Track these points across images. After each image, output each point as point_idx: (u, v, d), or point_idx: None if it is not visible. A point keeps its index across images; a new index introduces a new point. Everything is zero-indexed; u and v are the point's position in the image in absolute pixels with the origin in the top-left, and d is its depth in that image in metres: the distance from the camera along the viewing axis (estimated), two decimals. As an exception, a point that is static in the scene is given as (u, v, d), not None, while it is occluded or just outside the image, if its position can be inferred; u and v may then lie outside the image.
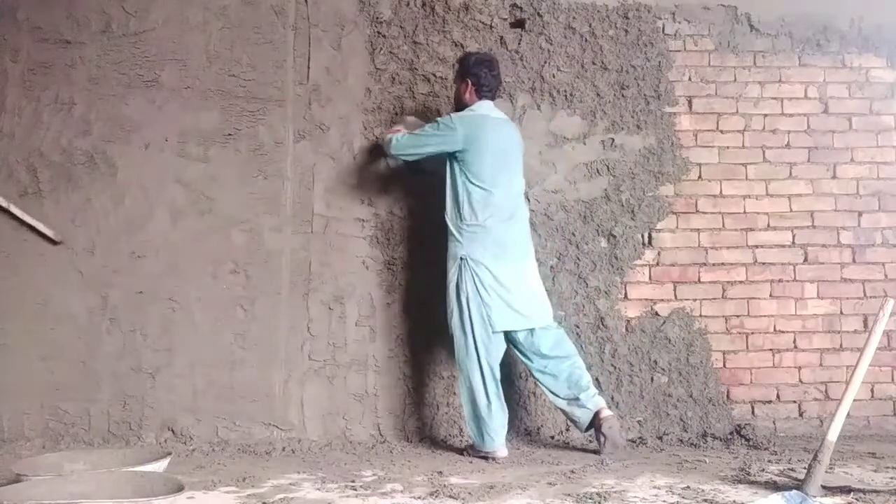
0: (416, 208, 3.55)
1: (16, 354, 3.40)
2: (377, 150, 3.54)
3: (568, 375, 3.14)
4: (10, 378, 3.38)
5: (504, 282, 3.12)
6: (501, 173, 3.17)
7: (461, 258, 3.15)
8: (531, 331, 3.17)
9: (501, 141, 3.20)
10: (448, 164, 3.22)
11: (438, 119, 3.25)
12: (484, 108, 3.25)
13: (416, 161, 3.35)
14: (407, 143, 3.26)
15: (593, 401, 3.12)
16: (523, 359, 3.22)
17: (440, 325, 3.49)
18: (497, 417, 3.10)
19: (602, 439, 3.07)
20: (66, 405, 3.38)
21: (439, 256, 3.49)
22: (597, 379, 3.42)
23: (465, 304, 3.12)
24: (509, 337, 3.19)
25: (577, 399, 3.12)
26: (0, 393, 3.37)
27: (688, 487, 2.55)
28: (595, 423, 3.10)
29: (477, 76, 3.23)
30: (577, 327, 3.51)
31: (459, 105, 3.30)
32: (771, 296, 3.63)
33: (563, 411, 3.20)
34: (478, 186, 3.15)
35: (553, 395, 3.19)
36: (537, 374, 3.20)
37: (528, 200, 3.43)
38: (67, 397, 3.38)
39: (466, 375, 3.14)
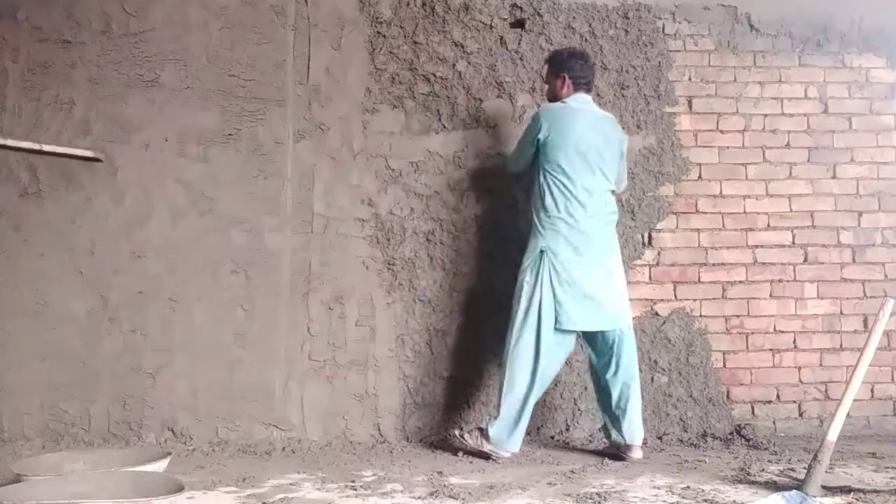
0: (416, 208, 3.55)
1: (16, 354, 3.40)
2: None
3: (619, 394, 3.10)
4: (10, 378, 3.38)
5: (583, 281, 3.05)
6: (586, 170, 3.10)
7: (541, 251, 3.08)
8: (607, 334, 3.10)
9: (590, 135, 3.12)
10: (536, 156, 3.19)
11: (532, 119, 3.23)
12: (579, 100, 3.20)
13: (528, 167, 3.30)
14: (514, 154, 3.35)
15: (629, 438, 3.07)
16: (594, 358, 3.18)
17: (440, 325, 3.50)
18: (526, 420, 3.06)
19: (611, 459, 3.04)
20: (66, 405, 3.38)
21: (440, 256, 3.49)
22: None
23: (539, 298, 3.04)
24: (587, 336, 3.15)
25: (618, 420, 3.10)
26: (0, 393, 3.37)
27: (688, 487, 2.55)
28: (619, 449, 3.08)
29: (572, 69, 3.20)
30: (577, 327, 3.51)
31: (553, 100, 3.26)
32: (771, 296, 3.63)
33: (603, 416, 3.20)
34: (558, 177, 3.09)
35: (599, 402, 3.20)
36: (602, 380, 3.17)
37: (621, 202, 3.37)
38: (67, 397, 3.38)
39: (516, 370, 3.04)
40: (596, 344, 3.16)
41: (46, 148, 3.40)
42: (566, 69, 3.21)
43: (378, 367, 3.48)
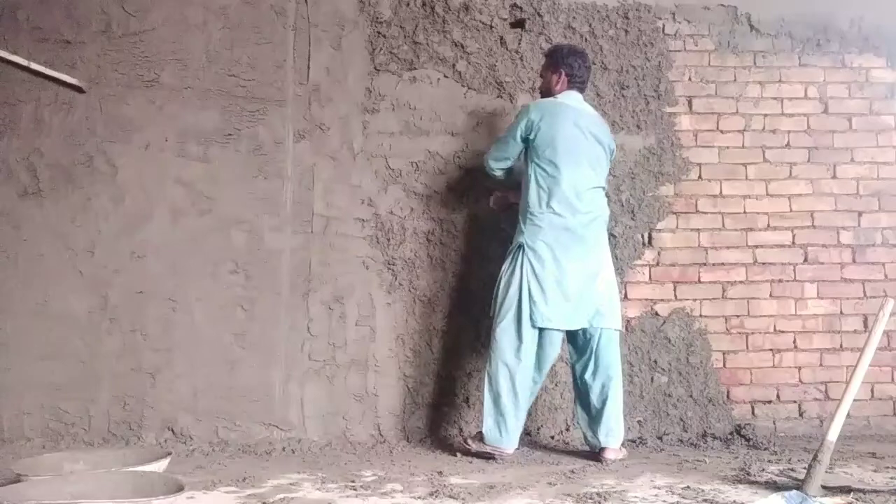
0: (416, 208, 3.55)
1: (16, 354, 3.40)
2: (501, 198, 3.43)
3: (596, 395, 3.08)
4: (10, 378, 3.38)
5: (562, 277, 3.03)
6: (572, 164, 3.07)
7: (519, 245, 3.08)
8: (587, 332, 3.09)
9: (579, 132, 3.11)
10: (524, 152, 3.18)
11: (517, 116, 3.22)
12: (570, 98, 3.19)
13: (511, 168, 3.28)
14: (495, 148, 3.25)
15: (603, 439, 3.04)
16: (574, 356, 3.16)
17: (440, 325, 3.50)
18: (520, 416, 3.04)
19: (590, 461, 3.03)
20: (66, 405, 3.38)
21: (440, 256, 3.49)
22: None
23: (516, 294, 3.04)
24: (567, 333, 3.13)
25: (594, 421, 3.08)
26: (0, 393, 3.37)
27: (688, 487, 2.55)
28: (595, 451, 3.07)
29: (571, 66, 3.19)
30: (577, 327, 3.51)
31: (547, 96, 3.25)
32: (771, 296, 3.63)
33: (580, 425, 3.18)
34: (546, 172, 3.08)
35: (577, 401, 3.18)
36: (580, 379, 3.15)
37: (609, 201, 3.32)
38: (67, 397, 3.38)
39: (499, 365, 3.04)
40: (576, 342, 3.14)
41: (34, 66, 3.42)
42: (565, 65, 3.20)
43: (378, 367, 3.48)
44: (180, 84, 3.54)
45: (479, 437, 3.08)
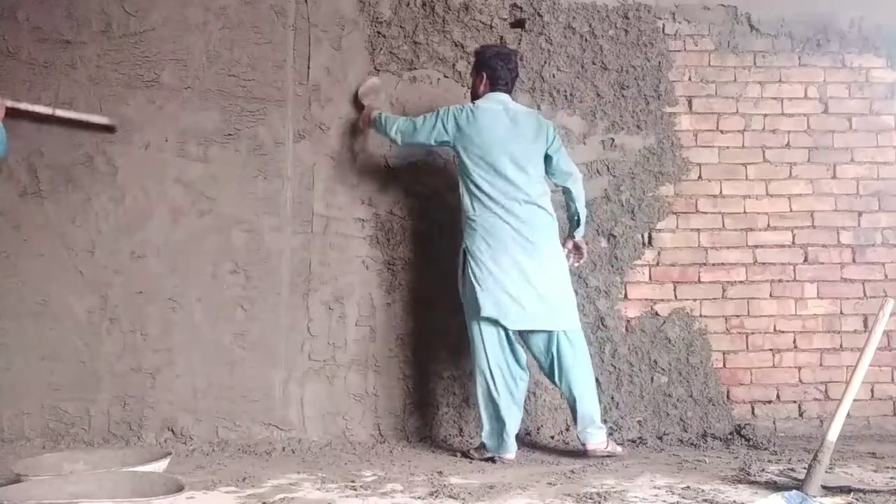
0: (416, 208, 3.55)
1: (16, 354, 3.40)
2: (358, 129, 3.55)
3: (567, 397, 3.11)
4: (10, 378, 3.38)
5: (501, 277, 3.05)
6: (499, 163, 3.10)
7: (463, 250, 3.13)
8: (546, 334, 3.09)
9: (507, 131, 3.13)
10: (457, 157, 3.21)
11: (438, 109, 3.23)
12: (493, 99, 3.20)
13: (408, 146, 3.35)
14: (402, 127, 3.27)
15: (585, 436, 3.07)
16: (540, 361, 3.15)
17: (440, 325, 3.50)
18: (511, 417, 3.05)
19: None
20: (66, 405, 3.38)
21: (440, 256, 3.49)
22: (597, 379, 3.41)
23: (469, 297, 3.10)
24: (522, 337, 3.13)
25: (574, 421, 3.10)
26: (0, 393, 3.37)
27: (688, 487, 2.55)
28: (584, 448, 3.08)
29: (493, 69, 3.20)
30: (577, 327, 3.51)
31: (475, 98, 3.27)
32: (771, 296, 3.63)
33: None
34: (471, 178, 3.12)
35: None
36: (550, 381, 3.17)
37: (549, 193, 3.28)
38: (67, 397, 3.38)
39: (476, 371, 3.10)
40: (532, 346, 3.14)
41: (59, 112, 3.41)
42: (487, 68, 3.22)
43: (378, 367, 3.48)
44: (180, 84, 3.54)
45: (482, 447, 3.10)
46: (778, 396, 3.59)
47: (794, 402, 3.58)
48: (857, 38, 3.77)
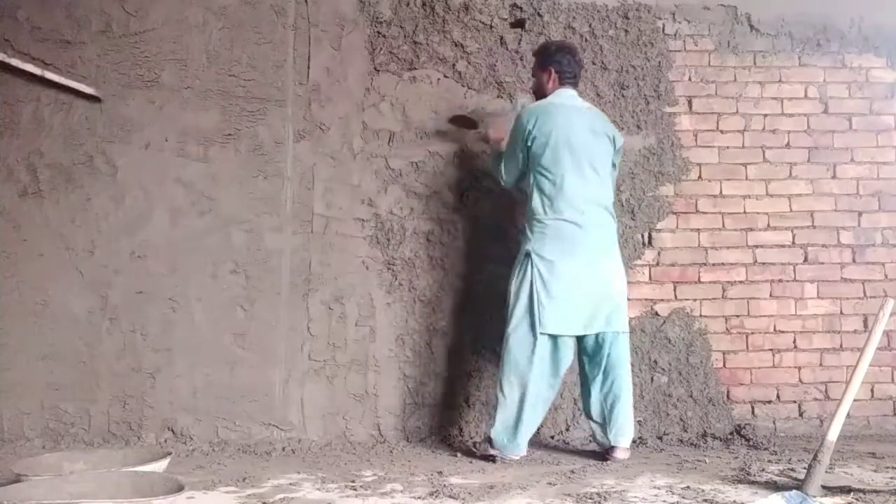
0: (416, 208, 3.55)
1: (16, 354, 3.40)
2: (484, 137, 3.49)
3: (605, 396, 3.08)
4: (10, 378, 3.38)
5: (570, 284, 2.99)
6: (572, 166, 3.04)
7: (526, 253, 3.06)
8: (599, 336, 3.06)
9: (575, 130, 3.07)
10: (527, 156, 3.14)
11: (512, 132, 3.18)
12: (563, 96, 3.16)
13: (519, 177, 3.23)
14: (503, 163, 3.22)
15: (613, 439, 3.04)
16: (584, 359, 3.13)
17: (440, 325, 3.50)
18: (532, 423, 3.04)
19: (597, 460, 3.03)
20: (66, 405, 3.38)
21: (440, 256, 3.49)
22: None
23: (526, 302, 3.02)
24: (577, 337, 3.09)
25: (604, 421, 3.08)
26: (0, 393, 3.37)
27: (688, 487, 2.55)
28: (604, 450, 3.06)
29: (560, 63, 3.16)
30: (577, 327, 3.51)
31: (540, 96, 3.23)
32: (771, 296, 3.63)
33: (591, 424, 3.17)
34: (546, 178, 3.05)
35: (585, 402, 3.17)
36: (591, 380, 3.13)
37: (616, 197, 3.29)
38: (67, 397, 3.38)
39: (511, 373, 3.01)
40: (586, 345, 3.12)
41: (48, 75, 3.42)
42: (554, 62, 3.18)
43: (378, 367, 3.48)
44: (180, 84, 3.54)
45: (488, 440, 3.07)
46: (778, 396, 3.59)
47: (794, 402, 3.58)
48: (856, 38, 3.77)
